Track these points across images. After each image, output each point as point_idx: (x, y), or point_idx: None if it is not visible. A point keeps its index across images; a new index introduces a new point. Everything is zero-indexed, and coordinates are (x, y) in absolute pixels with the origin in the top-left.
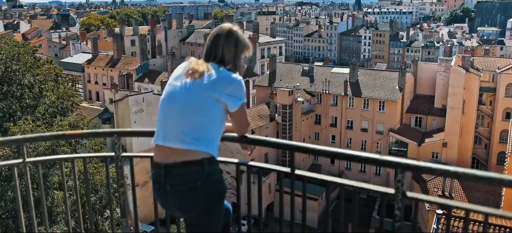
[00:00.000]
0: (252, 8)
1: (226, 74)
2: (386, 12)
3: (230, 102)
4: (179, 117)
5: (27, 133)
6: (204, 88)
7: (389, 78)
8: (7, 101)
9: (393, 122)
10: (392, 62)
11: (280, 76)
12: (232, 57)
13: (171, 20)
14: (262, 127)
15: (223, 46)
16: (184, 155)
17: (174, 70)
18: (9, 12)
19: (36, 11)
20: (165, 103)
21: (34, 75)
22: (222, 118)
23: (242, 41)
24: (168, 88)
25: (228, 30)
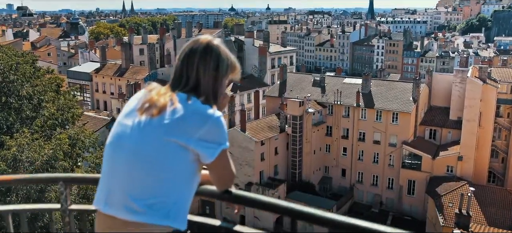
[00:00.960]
0: (263, 17)
1: (197, 109)
2: (399, 21)
3: (203, 151)
4: (126, 174)
5: (24, 147)
6: (164, 131)
7: (403, 89)
8: (4, 113)
9: (407, 135)
10: (406, 72)
11: (290, 87)
12: (210, 82)
13: (181, 29)
14: (271, 139)
15: (198, 67)
16: (132, 230)
17: (128, 101)
18: (19, 21)
19: (45, 20)
20: (110, 152)
21: (33, 86)
22: (192, 174)
23: (226, 60)
24: (115, 129)
25: (206, 45)
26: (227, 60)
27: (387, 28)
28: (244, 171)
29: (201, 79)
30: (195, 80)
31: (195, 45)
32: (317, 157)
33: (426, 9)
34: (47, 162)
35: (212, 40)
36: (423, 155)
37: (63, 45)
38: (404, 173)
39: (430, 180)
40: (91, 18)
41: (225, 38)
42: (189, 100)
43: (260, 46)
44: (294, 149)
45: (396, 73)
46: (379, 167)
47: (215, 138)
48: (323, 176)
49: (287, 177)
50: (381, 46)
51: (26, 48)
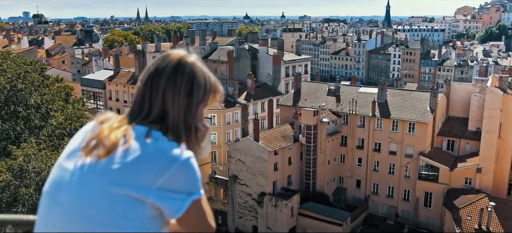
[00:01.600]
0: (277, 24)
1: (158, 149)
2: (417, 29)
3: (166, 204)
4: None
5: (31, 157)
6: (111, 179)
7: (420, 98)
8: (11, 122)
9: (424, 145)
10: (423, 81)
11: (305, 96)
12: (181, 112)
13: (194, 36)
14: (285, 148)
15: (165, 92)
16: None
17: (74, 135)
18: (35, 28)
19: (61, 27)
20: (45, 204)
21: (41, 95)
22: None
23: (204, 82)
24: (53, 173)
25: (176, 62)
26: (205, 82)
27: (404, 36)
28: (257, 181)
29: (169, 107)
30: (161, 109)
31: (163, 62)
32: (332, 168)
33: (444, 17)
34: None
35: (186, 56)
36: (440, 167)
37: (77, 52)
38: (420, 185)
39: (448, 192)
40: (105, 26)
41: (239, 46)
42: (149, 136)
43: (274, 55)
44: (308, 159)
45: (413, 82)
46: (395, 178)
47: (182, 186)
48: (337, 187)
49: (301, 188)
50: (397, 54)
51: (41, 56)
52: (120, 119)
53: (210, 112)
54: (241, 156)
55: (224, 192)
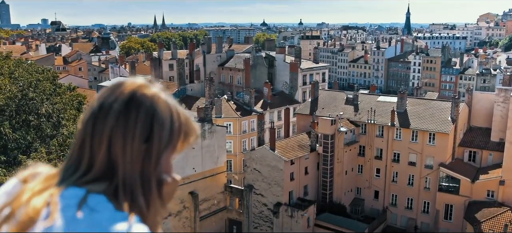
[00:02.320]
0: (295, 32)
1: (94, 225)
2: (437, 36)
3: None
4: None
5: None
6: None
7: (441, 108)
8: (22, 131)
9: (444, 156)
10: (444, 90)
11: (322, 104)
12: (136, 163)
13: (211, 44)
14: (302, 158)
15: (113, 138)
16: None
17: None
18: (53, 35)
19: (78, 34)
20: None
21: (53, 103)
22: None
23: (169, 120)
24: None
25: (130, 94)
26: (171, 121)
27: (424, 44)
28: (273, 191)
29: (118, 158)
30: (107, 161)
31: (111, 96)
32: (349, 178)
33: (466, 24)
34: None
35: (143, 87)
36: (461, 178)
37: (94, 60)
38: (441, 197)
39: (469, 205)
40: (122, 33)
41: (256, 53)
42: (83, 204)
43: (292, 62)
44: (325, 169)
45: (433, 91)
46: (414, 189)
47: None
48: (354, 198)
49: (317, 198)
50: (417, 62)
51: (58, 63)
52: (49, 177)
53: (226, 120)
54: (256, 165)
55: (240, 201)
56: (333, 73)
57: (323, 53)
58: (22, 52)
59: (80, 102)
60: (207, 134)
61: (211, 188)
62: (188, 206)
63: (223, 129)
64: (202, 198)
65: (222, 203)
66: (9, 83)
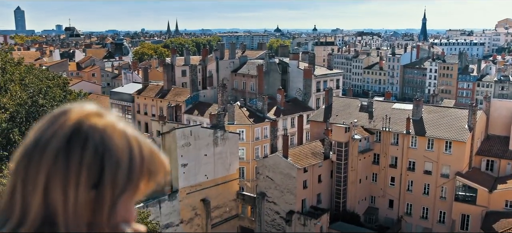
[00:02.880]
0: (309, 38)
1: None
2: (454, 43)
3: None
4: None
5: None
6: None
7: (457, 116)
8: None
9: (461, 165)
10: (461, 98)
11: (336, 111)
12: (81, 213)
13: (224, 50)
14: (315, 166)
15: (50, 181)
16: None
17: None
18: (67, 41)
19: (92, 40)
20: None
21: None
22: None
23: (126, 158)
24: None
25: (73, 127)
26: (129, 159)
27: (441, 50)
28: (286, 199)
29: (58, 209)
30: (42, 211)
31: (48, 130)
32: (363, 186)
33: (484, 30)
34: None
35: (91, 116)
36: (478, 188)
37: (107, 65)
38: (457, 207)
39: (486, 215)
40: (136, 39)
41: (269, 59)
42: None
43: (305, 69)
44: (339, 177)
45: (450, 98)
46: (429, 199)
47: None
48: (368, 207)
49: (331, 207)
50: (434, 69)
51: (72, 69)
52: None
53: (238, 127)
54: (269, 173)
55: (252, 209)
56: (348, 80)
57: (338, 59)
58: (36, 58)
59: None
60: (220, 141)
61: (223, 196)
62: (200, 213)
63: (235, 136)
64: (214, 206)
65: (234, 210)
66: (20, 89)
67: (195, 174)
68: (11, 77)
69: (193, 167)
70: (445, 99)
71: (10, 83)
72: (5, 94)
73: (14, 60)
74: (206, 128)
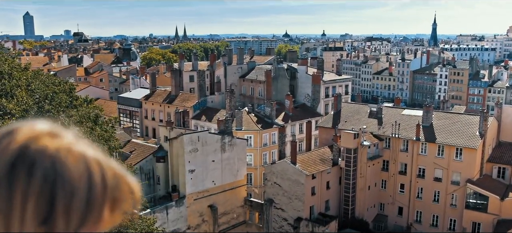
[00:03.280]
0: (318, 43)
1: None
2: (465, 48)
3: None
4: None
5: None
6: None
7: (468, 122)
8: None
9: (472, 172)
10: (472, 104)
11: (345, 117)
12: None
13: (232, 55)
14: (323, 172)
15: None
16: None
17: None
18: (75, 46)
19: (100, 45)
20: None
21: (69, 116)
22: None
23: (84, 186)
24: None
25: (18, 152)
26: (89, 186)
27: (451, 56)
28: (294, 205)
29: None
30: None
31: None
32: (372, 193)
33: (495, 35)
34: None
35: (41, 139)
36: (490, 196)
37: (115, 71)
38: (468, 215)
39: (498, 223)
40: (144, 44)
41: (278, 65)
42: None
43: (314, 74)
44: (347, 184)
45: (460, 104)
46: (440, 206)
47: None
48: (377, 214)
49: (339, 214)
50: (444, 75)
51: (80, 74)
52: None
53: (246, 133)
54: (277, 179)
55: (259, 216)
56: (357, 85)
57: (347, 64)
58: (45, 63)
59: (97, 115)
60: (227, 146)
61: (230, 202)
62: (207, 219)
63: (243, 142)
64: (221, 212)
65: (242, 217)
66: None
67: (203, 180)
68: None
69: (201, 173)
70: (456, 105)
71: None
72: (11, 100)
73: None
74: (214, 134)
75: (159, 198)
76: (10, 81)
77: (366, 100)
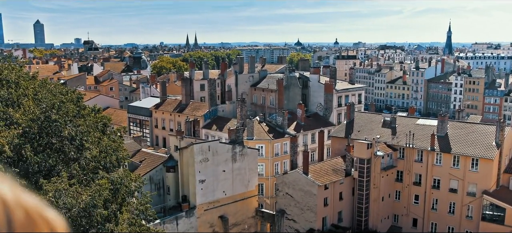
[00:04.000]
0: (330, 51)
1: None
2: (481, 56)
3: None
4: None
5: (61, 192)
6: None
7: (484, 132)
8: (44, 154)
9: (488, 183)
10: (488, 113)
11: (358, 127)
12: None
13: (243, 64)
14: (336, 183)
15: None
16: None
17: None
18: (85, 55)
19: (110, 54)
20: None
21: (76, 126)
22: None
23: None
24: None
25: None
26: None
27: (467, 64)
28: (306, 216)
29: None
30: None
31: None
32: (386, 204)
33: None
34: (84, 209)
35: None
36: (507, 207)
37: (125, 79)
38: (484, 227)
39: None
40: (154, 52)
41: (289, 74)
42: None
43: (326, 83)
44: (361, 195)
45: (476, 114)
46: (455, 218)
47: None
48: (391, 225)
49: (352, 225)
50: (459, 83)
51: (90, 82)
52: None
53: (257, 143)
54: (289, 190)
55: (271, 227)
56: (370, 94)
57: (360, 73)
58: (55, 72)
59: (105, 124)
60: (238, 156)
61: (241, 212)
62: (218, 230)
63: (254, 152)
64: (232, 223)
65: (253, 228)
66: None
67: (213, 191)
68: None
69: (211, 183)
70: (471, 114)
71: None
72: (18, 109)
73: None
74: (225, 143)
75: (169, 209)
76: (16, 90)
77: (379, 109)
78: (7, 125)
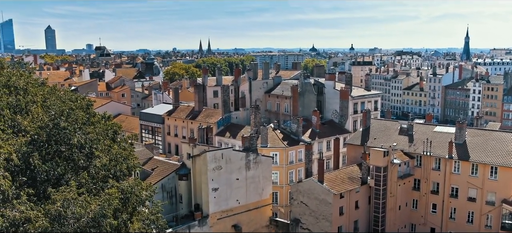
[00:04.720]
0: (346, 57)
1: None
2: (499, 62)
3: None
4: None
5: (70, 202)
6: None
7: (503, 139)
8: (52, 163)
9: (508, 192)
10: (507, 120)
11: (374, 134)
12: None
13: (257, 70)
14: (352, 191)
15: None
16: None
17: None
18: (97, 61)
19: (122, 60)
20: None
21: (85, 133)
22: None
23: None
24: None
25: None
26: None
27: (485, 70)
28: (321, 225)
29: None
30: None
31: None
32: (403, 213)
33: None
34: (93, 219)
35: None
36: None
37: (137, 86)
38: None
39: None
40: (167, 58)
41: (304, 80)
42: None
43: (342, 90)
44: (377, 204)
45: (495, 121)
46: (474, 227)
47: None
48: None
49: None
50: (477, 90)
51: (101, 89)
52: None
53: (272, 150)
54: (304, 198)
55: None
56: (386, 101)
57: (376, 79)
58: (66, 78)
59: (115, 132)
60: (252, 164)
61: (255, 221)
62: None
63: (269, 160)
64: (245, 232)
65: None
66: (42, 111)
67: (226, 199)
68: (33, 98)
69: (224, 192)
70: (490, 121)
71: (32, 105)
72: (26, 116)
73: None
74: (238, 151)
75: (182, 217)
76: (25, 96)
77: (396, 116)
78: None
